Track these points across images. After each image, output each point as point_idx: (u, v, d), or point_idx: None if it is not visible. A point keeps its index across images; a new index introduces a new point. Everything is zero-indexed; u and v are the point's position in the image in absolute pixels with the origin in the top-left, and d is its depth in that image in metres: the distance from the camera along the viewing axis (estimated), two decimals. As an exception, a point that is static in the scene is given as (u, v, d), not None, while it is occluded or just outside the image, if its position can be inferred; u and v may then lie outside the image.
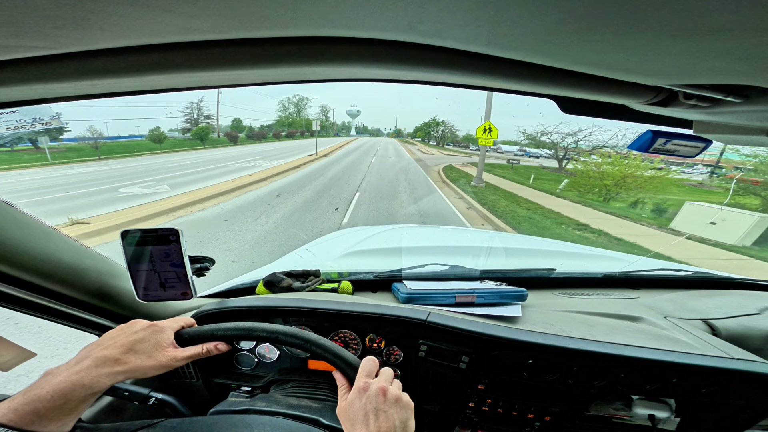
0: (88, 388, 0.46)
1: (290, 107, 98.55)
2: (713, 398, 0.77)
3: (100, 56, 0.34)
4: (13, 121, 0.49)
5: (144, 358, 0.52)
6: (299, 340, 0.58)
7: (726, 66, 0.32)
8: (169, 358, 0.54)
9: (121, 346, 0.51)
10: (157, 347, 0.54)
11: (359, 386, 0.50)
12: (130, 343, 0.52)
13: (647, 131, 0.55)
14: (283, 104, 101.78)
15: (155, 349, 0.53)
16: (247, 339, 0.60)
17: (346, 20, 0.29)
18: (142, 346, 0.53)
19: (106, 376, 0.48)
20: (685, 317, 0.95)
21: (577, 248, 1.73)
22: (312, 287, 1.03)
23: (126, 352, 0.51)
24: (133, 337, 0.53)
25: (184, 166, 15.45)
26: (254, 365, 0.93)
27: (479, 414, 0.88)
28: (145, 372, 0.51)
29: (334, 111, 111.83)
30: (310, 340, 0.57)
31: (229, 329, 0.60)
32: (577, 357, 0.76)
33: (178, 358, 0.55)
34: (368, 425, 0.46)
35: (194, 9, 0.26)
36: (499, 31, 0.29)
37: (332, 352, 0.56)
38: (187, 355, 0.56)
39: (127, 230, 0.59)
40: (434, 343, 0.81)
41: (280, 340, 0.58)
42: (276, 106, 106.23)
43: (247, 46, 0.35)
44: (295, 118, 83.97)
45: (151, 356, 0.52)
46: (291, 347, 0.80)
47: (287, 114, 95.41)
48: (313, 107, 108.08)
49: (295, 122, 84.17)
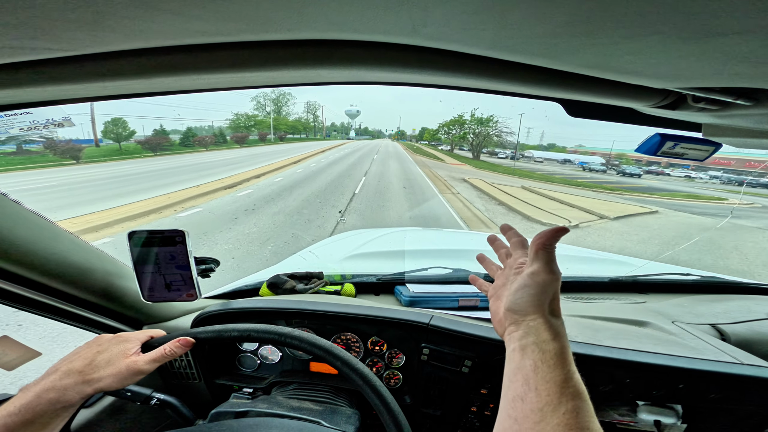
0: (55, 401, 0.46)
1: (267, 105, 77.54)
2: (721, 404, 0.75)
3: (111, 58, 0.35)
4: (26, 121, 0.50)
5: (107, 368, 0.51)
6: (256, 333, 0.59)
7: (735, 69, 0.31)
8: (129, 365, 0.53)
9: (84, 358, 0.51)
10: (119, 356, 0.53)
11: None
12: (93, 355, 0.52)
13: (655, 134, 0.54)
14: (258, 101, 79.31)
15: (118, 358, 0.53)
16: (221, 341, 0.61)
17: (351, 23, 0.30)
18: (105, 356, 0.53)
19: (72, 389, 0.48)
20: (693, 322, 0.93)
21: (584, 252, 1.71)
22: (315, 289, 1.03)
23: (89, 363, 0.51)
24: (97, 348, 0.54)
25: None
26: (256, 367, 0.93)
27: (481, 419, 0.87)
28: (109, 382, 0.51)
29: (323, 108, 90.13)
30: (259, 329, 0.59)
31: (199, 332, 0.60)
32: (582, 362, 0.74)
33: (139, 363, 0.54)
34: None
35: (202, 12, 0.26)
36: (503, 34, 0.29)
37: (287, 335, 0.57)
38: (150, 359, 0.55)
39: (133, 231, 0.60)
40: (437, 346, 0.80)
41: (255, 338, 0.59)
42: (250, 103, 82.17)
43: (253, 49, 0.35)
44: (264, 119, 64.58)
45: (113, 365, 0.52)
46: (260, 342, 0.80)
47: (266, 113, 73.05)
48: (298, 104, 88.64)
49: (261, 123, 63.48)
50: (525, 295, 0.43)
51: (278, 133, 56.50)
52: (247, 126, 61.55)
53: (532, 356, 0.39)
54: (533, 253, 0.44)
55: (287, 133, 61.76)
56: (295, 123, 62.80)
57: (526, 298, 0.43)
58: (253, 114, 67.00)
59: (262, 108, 74.75)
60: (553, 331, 0.41)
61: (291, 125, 68.61)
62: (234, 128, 54.72)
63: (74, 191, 10.10)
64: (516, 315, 0.44)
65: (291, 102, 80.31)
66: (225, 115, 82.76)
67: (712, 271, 1.31)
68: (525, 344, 0.41)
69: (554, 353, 0.38)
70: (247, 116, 64.57)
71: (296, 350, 0.89)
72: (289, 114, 77.63)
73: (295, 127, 74.48)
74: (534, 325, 0.42)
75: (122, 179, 12.87)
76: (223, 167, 16.61)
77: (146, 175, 14.40)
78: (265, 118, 67.63)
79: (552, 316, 0.42)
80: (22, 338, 0.70)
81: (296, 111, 77.59)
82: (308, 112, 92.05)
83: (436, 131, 38.31)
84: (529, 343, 0.40)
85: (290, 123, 69.39)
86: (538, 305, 0.42)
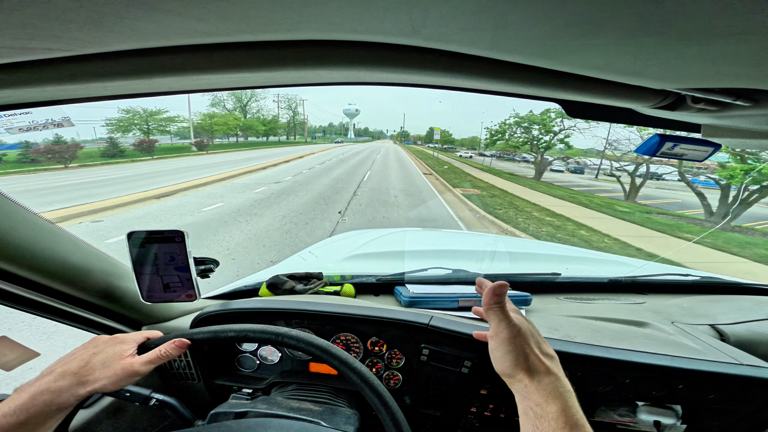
0: (49, 403, 0.46)
1: (226, 102, 53.93)
2: (721, 405, 0.75)
3: (111, 58, 0.35)
4: (26, 121, 0.50)
5: (102, 370, 0.51)
6: (252, 333, 0.58)
7: (734, 70, 0.31)
8: (125, 366, 0.53)
9: (80, 359, 0.51)
10: (115, 358, 0.53)
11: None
12: (89, 357, 0.52)
13: (654, 135, 0.55)
14: (216, 96, 52.50)
15: (113, 359, 0.53)
16: (217, 342, 0.60)
17: (351, 24, 0.30)
18: (101, 358, 0.52)
19: (66, 390, 0.47)
20: (693, 323, 0.93)
21: (583, 252, 1.71)
22: (314, 290, 1.03)
23: (84, 365, 0.51)
24: (93, 350, 0.53)
25: None
26: (256, 367, 0.93)
27: (481, 419, 0.87)
28: (104, 384, 0.50)
29: (304, 103, 64.94)
30: (256, 330, 0.58)
31: (195, 333, 0.60)
32: (582, 362, 0.75)
33: (135, 364, 0.54)
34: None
35: (203, 12, 0.26)
36: (503, 34, 0.29)
37: (284, 335, 0.56)
38: (145, 360, 0.55)
39: (132, 231, 0.60)
40: (436, 347, 0.80)
41: (252, 338, 0.59)
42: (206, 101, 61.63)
43: (253, 49, 0.35)
44: (215, 120, 43.84)
45: (109, 367, 0.52)
46: (253, 342, 0.78)
47: (226, 112, 50.79)
48: (267, 98, 62.31)
49: (203, 125, 43.11)
50: (498, 358, 0.43)
51: (200, 139, 36.10)
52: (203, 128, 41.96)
53: (532, 420, 0.39)
54: (486, 316, 0.44)
55: (211, 138, 41.43)
56: (260, 122, 44.43)
57: (500, 361, 0.43)
58: (209, 112, 44.06)
59: (219, 104, 51.50)
60: (543, 393, 0.40)
61: (246, 124, 47.07)
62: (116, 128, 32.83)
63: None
64: (505, 377, 0.44)
65: (261, 98, 58.11)
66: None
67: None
68: (523, 408, 0.41)
69: (552, 417, 0.38)
70: (204, 116, 43.16)
71: (295, 350, 0.89)
72: (261, 111, 53.84)
73: (270, 127, 50.69)
74: (521, 387, 0.41)
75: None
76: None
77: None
78: (224, 116, 46.36)
79: (538, 374, 0.41)
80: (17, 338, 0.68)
81: (268, 106, 53.14)
82: (286, 106, 64.36)
83: (500, 132, 22.88)
84: (525, 408, 0.40)
85: (249, 123, 45.92)
86: (515, 365, 0.42)
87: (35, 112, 0.49)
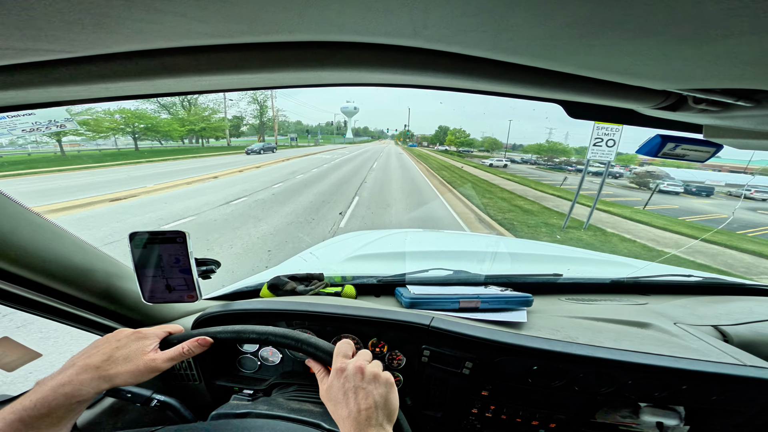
0: (70, 396, 0.46)
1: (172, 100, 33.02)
2: (724, 406, 0.75)
3: (114, 60, 0.35)
4: (29, 123, 0.50)
5: (124, 364, 0.51)
6: (274, 336, 0.58)
7: (735, 70, 0.31)
8: (147, 362, 0.53)
9: (103, 353, 0.51)
10: (137, 353, 0.53)
11: (336, 367, 0.50)
12: (111, 351, 0.52)
13: (656, 135, 0.54)
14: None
15: (136, 355, 0.53)
16: (239, 342, 0.60)
17: (352, 25, 0.30)
18: (123, 353, 0.52)
19: (88, 384, 0.47)
20: (696, 323, 0.93)
21: (585, 253, 1.71)
22: (315, 291, 1.03)
23: (107, 359, 0.50)
24: (116, 344, 0.53)
25: None
26: (257, 368, 0.93)
27: (482, 420, 0.87)
28: (125, 379, 0.50)
29: (273, 98, 51.49)
30: (277, 333, 0.57)
31: (219, 332, 0.60)
32: (584, 363, 0.74)
33: (157, 360, 0.54)
34: (348, 404, 0.46)
35: (205, 14, 0.26)
36: (503, 36, 0.29)
37: (304, 341, 0.55)
38: (168, 357, 0.55)
39: (134, 232, 0.60)
40: (437, 348, 0.80)
41: (273, 342, 0.58)
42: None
43: (254, 51, 0.35)
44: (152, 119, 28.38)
45: (131, 362, 0.52)
46: (275, 346, 0.79)
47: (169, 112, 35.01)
48: (243, 97, 51.45)
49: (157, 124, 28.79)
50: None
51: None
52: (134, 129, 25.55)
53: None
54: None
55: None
56: (216, 124, 34.02)
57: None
58: (139, 109, 27.76)
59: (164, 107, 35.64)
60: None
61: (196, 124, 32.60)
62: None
63: None
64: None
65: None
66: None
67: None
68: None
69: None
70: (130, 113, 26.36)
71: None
72: (218, 111, 36.61)
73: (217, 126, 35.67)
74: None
75: None
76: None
77: None
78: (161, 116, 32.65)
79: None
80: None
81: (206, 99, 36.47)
82: (254, 101, 51.14)
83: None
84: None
85: (150, 120, 27.69)
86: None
87: (38, 113, 0.49)
